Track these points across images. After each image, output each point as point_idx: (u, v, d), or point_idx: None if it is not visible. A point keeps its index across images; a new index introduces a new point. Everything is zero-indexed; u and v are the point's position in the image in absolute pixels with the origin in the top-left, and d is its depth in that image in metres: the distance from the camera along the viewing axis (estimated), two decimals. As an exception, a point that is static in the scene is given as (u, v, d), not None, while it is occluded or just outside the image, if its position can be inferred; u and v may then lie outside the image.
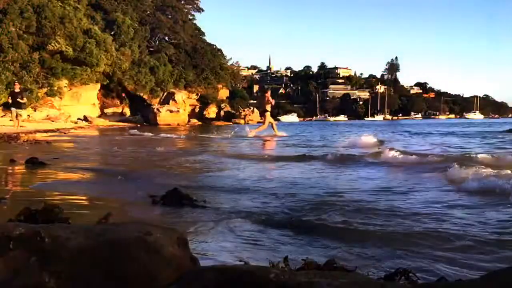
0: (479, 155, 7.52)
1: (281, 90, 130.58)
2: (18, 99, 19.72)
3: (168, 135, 21.39)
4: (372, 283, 1.47)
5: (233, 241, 3.05)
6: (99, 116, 44.99)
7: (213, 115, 57.94)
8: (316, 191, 4.92)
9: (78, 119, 39.36)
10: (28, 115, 31.39)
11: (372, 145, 11.93)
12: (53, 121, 33.16)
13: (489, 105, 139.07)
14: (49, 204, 2.95)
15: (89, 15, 44.23)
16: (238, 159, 9.21)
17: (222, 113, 58.61)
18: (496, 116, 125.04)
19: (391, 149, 8.95)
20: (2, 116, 19.49)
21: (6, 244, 1.48)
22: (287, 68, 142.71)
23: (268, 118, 18.91)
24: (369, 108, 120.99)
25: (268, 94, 19.76)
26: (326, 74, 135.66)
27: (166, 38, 57.32)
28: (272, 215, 3.74)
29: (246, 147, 13.50)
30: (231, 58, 70.01)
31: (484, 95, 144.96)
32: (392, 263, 2.40)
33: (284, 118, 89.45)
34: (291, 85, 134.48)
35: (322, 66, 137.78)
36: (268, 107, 18.70)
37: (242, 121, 57.44)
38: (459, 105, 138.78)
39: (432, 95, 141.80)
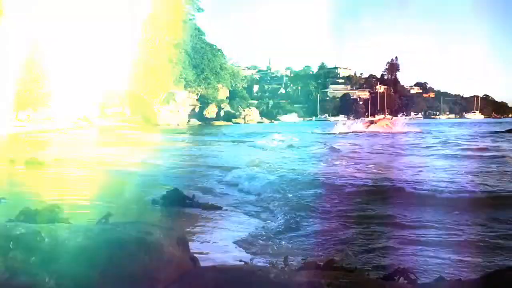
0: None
1: (281, 90, 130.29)
2: None
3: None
4: (372, 283, 1.47)
5: (233, 241, 3.04)
6: (99, 116, 44.89)
7: (213, 115, 57.95)
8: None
9: (78, 119, 39.27)
10: (28, 115, 31.33)
11: None
12: (53, 121, 33.09)
13: (489, 105, 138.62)
14: (49, 204, 2.95)
15: (89, 15, 44.12)
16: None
17: (222, 113, 58.62)
18: (498, 116, 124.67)
19: None
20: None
21: (6, 244, 1.48)
22: (287, 68, 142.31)
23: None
24: (369, 108, 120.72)
25: None
26: (326, 74, 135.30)
27: (166, 38, 57.18)
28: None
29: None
30: (231, 58, 69.92)
31: (484, 95, 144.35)
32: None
33: (284, 118, 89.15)
34: (291, 85, 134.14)
35: (322, 66, 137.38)
36: None
37: (242, 121, 57.46)
38: (459, 105, 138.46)
39: (432, 95, 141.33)
